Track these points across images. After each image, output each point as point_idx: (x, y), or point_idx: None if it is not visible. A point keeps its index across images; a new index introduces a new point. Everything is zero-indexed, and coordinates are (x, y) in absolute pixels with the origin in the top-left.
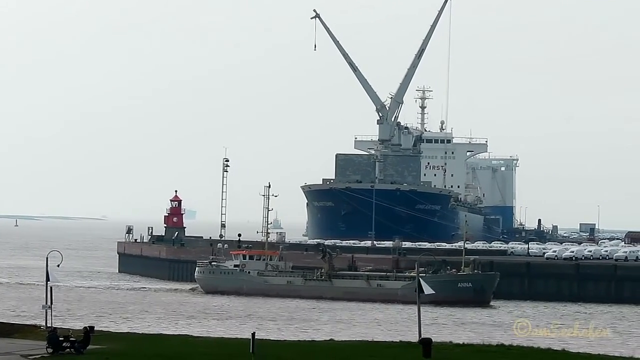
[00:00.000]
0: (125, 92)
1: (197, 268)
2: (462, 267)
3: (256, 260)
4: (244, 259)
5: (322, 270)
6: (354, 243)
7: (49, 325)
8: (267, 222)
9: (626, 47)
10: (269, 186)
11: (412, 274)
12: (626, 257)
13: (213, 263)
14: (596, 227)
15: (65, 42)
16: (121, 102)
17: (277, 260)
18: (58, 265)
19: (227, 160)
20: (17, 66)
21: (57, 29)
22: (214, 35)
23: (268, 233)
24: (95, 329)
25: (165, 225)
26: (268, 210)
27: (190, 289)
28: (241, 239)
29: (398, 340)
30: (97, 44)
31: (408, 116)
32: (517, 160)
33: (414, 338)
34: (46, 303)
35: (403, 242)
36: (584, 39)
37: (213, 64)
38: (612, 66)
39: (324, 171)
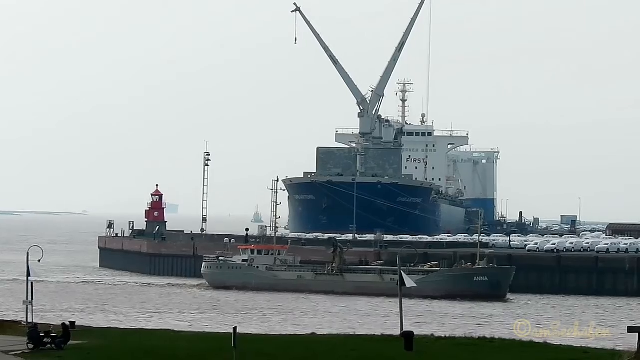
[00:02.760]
0: (107, 90)
1: (203, 263)
2: (477, 261)
3: (264, 255)
4: (252, 254)
5: (333, 265)
6: (335, 236)
7: (29, 321)
8: (276, 216)
9: (609, 39)
10: (277, 180)
11: (426, 267)
12: (607, 249)
13: (220, 258)
14: (577, 219)
15: (49, 42)
16: (102, 99)
17: (285, 255)
18: (39, 261)
19: (208, 154)
20: None
21: (38, 30)
22: (195, 29)
23: (277, 227)
24: (76, 324)
25: (147, 219)
26: (276, 205)
27: (197, 285)
28: (248, 234)
29: (380, 334)
30: (80, 43)
31: (389, 109)
32: (498, 152)
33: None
34: (27, 299)
35: (384, 235)
36: (566, 30)
37: (194, 59)
38: (594, 58)
39: (305, 165)
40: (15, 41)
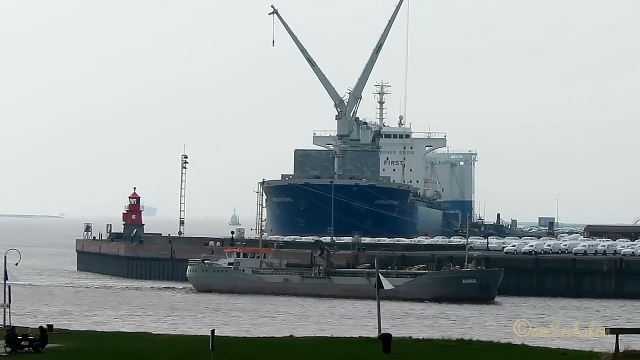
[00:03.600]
0: (84, 94)
1: (188, 266)
2: (465, 263)
3: (250, 258)
4: (238, 257)
5: (320, 267)
6: (312, 239)
7: (7, 324)
8: (262, 219)
9: (585, 37)
10: (263, 182)
11: (414, 270)
12: (585, 251)
13: (206, 261)
14: (555, 221)
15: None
16: (79, 104)
17: (271, 258)
18: (16, 264)
19: (186, 157)
20: None
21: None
22: (174, 33)
23: (262, 230)
24: (54, 327)
25: (124, 222)
26: (262, 207)
27: (182, 289)
28: (233, 237)
29: (358, 336)
30: (58, 48)
31: (366, 111)
32: (476, 154)
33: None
34: (4, 302)
35: (362, 238)
36: (542, 30)
37: (173, 62)
38: (572, 56)
39: (282, 167)
40: None
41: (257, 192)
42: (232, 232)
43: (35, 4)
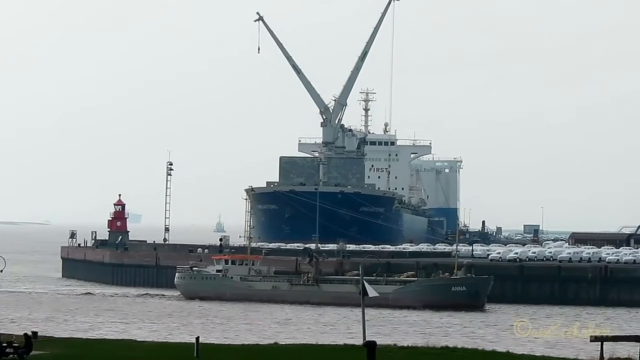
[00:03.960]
0: (69, 100)
1: (177, 274)
2: (455, 271)
3: (239, 265)
4: (226, 264)
5: (309, 275)
6: (297, 246)
7: None
8: (250, 226)
9: (571, 44)
10: (252, 189)
11: (403, 277)
12: (570, 258)
13: (194, 268)
14: (540, 228)
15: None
16: (64, 110)
17: (259, 265)
18: (1, 271)
19: (171, 164)
20: None
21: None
22: (159, 38)
23: (251, 237)
24: (38, 334)
25: (109, 229)
26: (250, 214)
27: (170, 296)
28: (223, 244)
29: (343, 344)
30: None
31: (352, 118)
32: (461, 162)
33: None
34: None
35: (347, 245)
36: (527, 36)
37: (158, 68)
38: (559, 63)
39: (267, 174)
40: None
41: (246, 199)
42: (221, 239)
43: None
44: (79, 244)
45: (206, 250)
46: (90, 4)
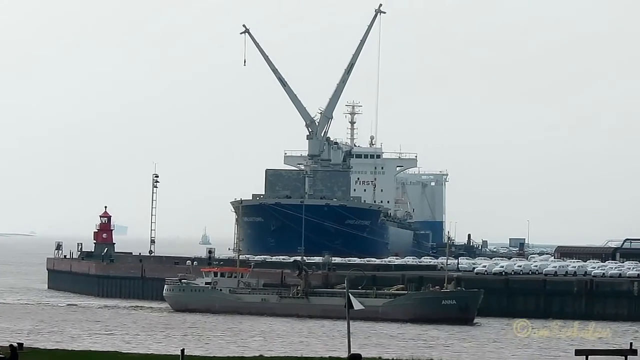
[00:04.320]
0: (56, 112)
1: (165, 286)
2: (445, 284)
3: (227, 277)
4: (215, 277)
5: (298, 288)
6: (283, 258)
7: None
8: (239, 238)
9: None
10: (241, 202)
11: (392, 291)
12: (556, 272)
13: (183, 281)
14: (526, 241)
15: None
16: (51, 122)
17: (248, 278)
18: None
19: (157, 176)
20: None
21: None
22: (145, 51)
23: (239, 250)
24: (24, 345)
25: (95, 241)
26: (238, 227)
27: (158, 308)
28: (211, 256)
29: (328, 356)
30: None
31: (338, 131)
32: (447, 175)
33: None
34: None
35: (333, 257)
36: (513, 49)
37: (144, 80)
38: (545, 76)
39: (253, 186)
40: None
41: (234, 211)
42: (210, 252)
43: None
44: (65, 256)
45: (195, 262)
46: (73, 20)
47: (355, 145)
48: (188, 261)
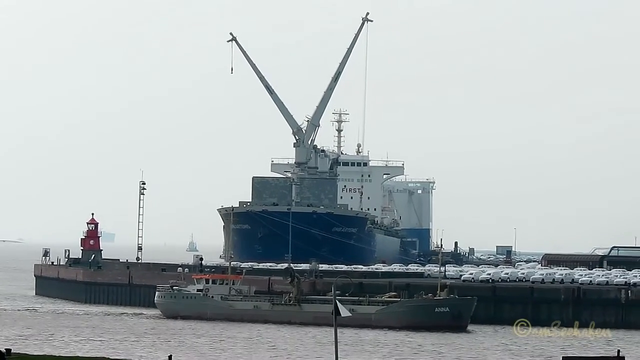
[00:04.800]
0: (43, 119)
1: (157, 293)
2: (438, 292)
3: (219, 284)
4: (206, 284)
5: (290, 295)
6: (270, 266)
7: None
8: (229, 246)
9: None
10: (232, 209)
11: (385, 298)
12: (543, 279)
13: (174, 287)
14: (513, 249)
15: None
16: (37, 130)
17: (240, 285)
18: None
19: (144, 183)
20: None
21: None
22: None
23: (231, 257)
24: (12, 351)
25: (82, 248)
26: (226, 234)
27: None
28: (203, 263)
29: None
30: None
31: (324, 139)
32: (434, 182)
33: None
34: None
35: (319, 265)
36: (499, 55)
37: (130, 87)
38: (530, 81)
39: (240, 194)
40: None
41: (222, 219)
42: (201, 259)
43: None
44: (52, 262)
45: (186, 269)
46: (58, 28)
47: (342, 153)
48: (179, 268)
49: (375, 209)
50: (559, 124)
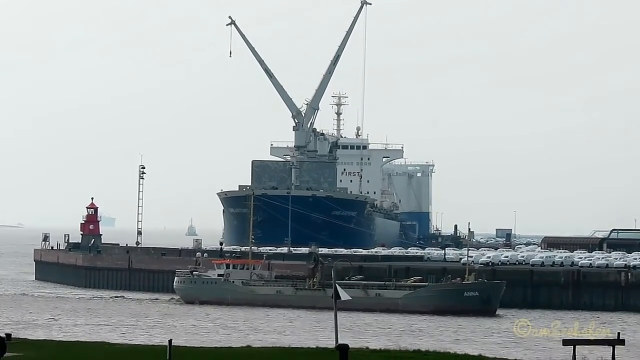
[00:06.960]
0: (42, 103)
1: (176, 278)
2: (466, 276)
3: (240, 269)
4: (227, 268)
5: (314, 279)
6: (270, 249)
7: None
8: (252, 229)
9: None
10: (253, 194)
11: (411, 282)
12: (542, 262)
13: (194, 272)
14: (512, 232)
15: None
16: (37, 112)
17: (260, 269)
18: None
19: (144, 167)
20: None
21: None
22: (130, 42)
23: (252, 241)
24: (12, 336)
25: (82, 232)
26: (252, 219)
27: (169, 299)
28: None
29: (315, 346)
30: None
31: (324, 122)
32: (433, 166)
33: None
34: None
35: (319, 249)
36: (501, 39)
37: (129, 71)
38: (531, 66)
39: (240, 178)
40: None
41: (221, 203)
42: (221, 243)
43: None
44: (52, 247)
45: (205, 254)
46: (63, 15)
47: (341, 137)
48: (198, 252)
49: (374, 193)
50: (558, 108)
